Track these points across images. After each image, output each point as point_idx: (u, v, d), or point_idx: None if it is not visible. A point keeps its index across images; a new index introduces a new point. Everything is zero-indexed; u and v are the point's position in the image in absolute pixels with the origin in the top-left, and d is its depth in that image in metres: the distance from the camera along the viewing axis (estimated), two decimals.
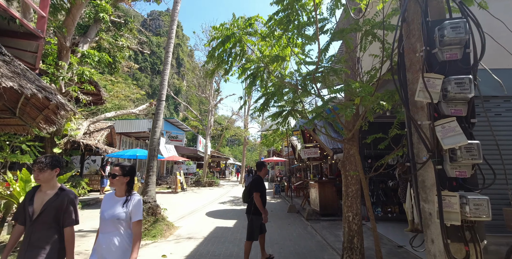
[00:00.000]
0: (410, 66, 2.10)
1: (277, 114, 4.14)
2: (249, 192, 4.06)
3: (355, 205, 3.96)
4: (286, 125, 4.31)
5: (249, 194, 4.07)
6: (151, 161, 6.59)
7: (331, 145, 8.32)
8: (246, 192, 4.16)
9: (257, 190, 3.95)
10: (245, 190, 4.23)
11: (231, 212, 9.13)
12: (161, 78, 7.06)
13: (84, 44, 12.16)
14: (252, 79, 3.48)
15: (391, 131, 3.17)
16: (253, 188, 3.99)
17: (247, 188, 4.18)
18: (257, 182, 4.06)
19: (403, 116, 2.79)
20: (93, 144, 10.43)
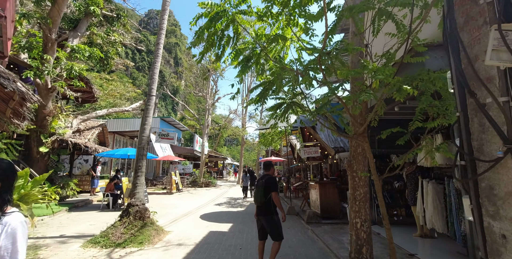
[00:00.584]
0: (466, 22, 1.57)
1: (276, 107, 3.68)
2: (265, 193, 3.85)
3: (363, 210, 3.50)
4: (285, 120, 3.84)
5: (264, 195, 3.86)
6: (139, 161, 6.11)
7: (332, 144, 7.87)
8: (261, 193, 3.89)
9: (276, 190, 3.86)
10: (258, 191, 3.96)
11: (226, 214, 8.66)
12: (151, 72, 6.58)
13: (74, 38, 11.64)
14: (245, 63, 2.99)
15: (411, 123, 2.70)
16: (270, 188, 3.86)
17: (259, 189, 3.94)
18: (273, 182, 3.93)
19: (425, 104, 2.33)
20: (82, 142, 9.92)
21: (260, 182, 4.03)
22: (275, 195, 3.85)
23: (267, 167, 4.19)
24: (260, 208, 3.94)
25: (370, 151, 2.89)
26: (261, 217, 3.93)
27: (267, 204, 3.86)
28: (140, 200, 5.93)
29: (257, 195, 3.95)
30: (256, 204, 4.00)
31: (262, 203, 3.88)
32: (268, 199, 3.85)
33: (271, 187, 3.88)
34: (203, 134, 21.57)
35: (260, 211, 3.94)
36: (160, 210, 9.25)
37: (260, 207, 3.93)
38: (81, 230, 6.35)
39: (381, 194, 2.74)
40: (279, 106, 3.71)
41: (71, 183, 10.23)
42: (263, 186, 3.90)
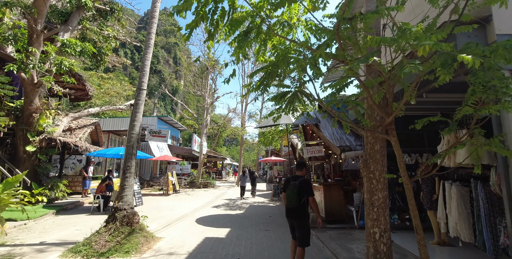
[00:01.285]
0: None
1: (280, 96, 3.15)
2: (299, 196, 3.73)
3: (383, 218, 2.96)
4: (291, 111, 3.30)
5: (299, 198, 3.73)
6: (128, 160, 5.57)
7: (337, 142, 7.34)
8: (295, 196, 3.74)
9: (312, 194, 3.78)
10: (292, 194, 3.77)
11: (224, 217, 8.12)
12: (142, 64, 6.04)
13: (64, 32, 11.11)
14: (243, 37, 2.44)
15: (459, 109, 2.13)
16: (307, 192, 3.75)
17: (293, 191, 3.77)
18: (308, 185, 3.82)
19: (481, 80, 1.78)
20: (71, 141, 9.37)
21: (292, 183, 3.82)
22: (312, 200, 3.74)
23: (300, 166, 4.02)
24: (292, 210, 3.78)
25: (398, 147, 2.35)
26: (293, 220, 3.82)
27: (301, 208, 3.74)
28: (128, 204, 5.39)
29: (291, 198, 3.76)
30: (288, 206, 3.81)
31: (296, 206, 3.73)
32: (302, 203, 3.74)
33: (307, 191, 3.75)
34: (201, 133, 21.03)
35: (292, 213, 3.79)
36: (154, 212, 8.71)
37: (293, 209, 3.77)
38: (64, 236, 5.81)
39: (413, 200, 2.22)
40: (283, 96, 3.18)
41: (60, 184, 9.68)
42: (296, 188, 3.75)
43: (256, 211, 9.36)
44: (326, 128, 8.25)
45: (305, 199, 3.77)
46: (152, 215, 8.31)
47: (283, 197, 4.08)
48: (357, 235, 5.82)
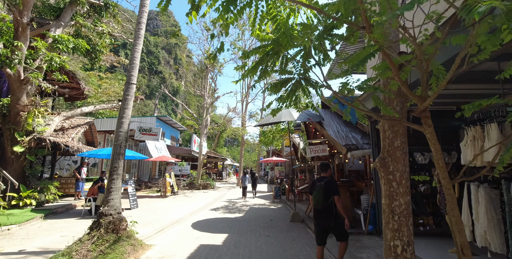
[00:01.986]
0: None
1: (281, 84, 2.66)
2: (326, 196, 3.74)
3: (406, 228, 2.46)
4: (293, 103, 2.81)
5: (325, 198, 3.74)
6: (115, 161, 5.09)
7: (343, 141, 6.84)
8: (322, 196, 3.76)
9: (338, 193, 3.78)
10: (318, 194, 3.80)
11: (222, 221, 7.63)
12: (131, 56, 5.57)
13: (56, 28, 10.68)
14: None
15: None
16: (333, 192, 3.75)
17: (319, 192, 3.79)
18: (335, 185, 3.83)
19: None
20: (62, 141, 8.91)
21: (319, 184, 3.83)
22: (338, 200, 3.74)
23: (325, 168, 4.01)
24: (320, 211, 3.80)
25: (436, 140, 1.86)
26: (323, 221, 3.79)
27: (328, 208, 3.74)
28: (114, 208, 4.91)
29: (318, 199, 3.78)
30: (315, 208, 3.83)
31: (324, 207, 3.74)
32: (330, 203, 3.74)
33: (334, 191, 3.75)
34: (201, 133, 20.57)
35: (321, 215, 3.81)
36: (148, 216, 8.24)
37: (321, 210, 3.79)
38: (47, 243, 5.34)
39: (457, 210, 1.70)
40: (285, 83, 2.69)
41: (51, 186, 9.22)
42: (323, 189, 3.75)
43: (256, 214, 8.87)
44: (331, 126, 7.75)
45: (332, 199, 3.74)
46: (146, 218, 7.84)
47: (310, 200, 4.10)
48: (367, 242, 5.31)
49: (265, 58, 2.43)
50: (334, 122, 8.10)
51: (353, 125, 7.57)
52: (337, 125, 7.86)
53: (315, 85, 2.67)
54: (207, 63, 19.23)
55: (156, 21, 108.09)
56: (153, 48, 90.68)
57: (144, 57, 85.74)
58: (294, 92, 2.75)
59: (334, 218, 3.76)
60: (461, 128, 5.97)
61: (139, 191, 16.46)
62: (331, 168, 4.18)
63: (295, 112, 7.51)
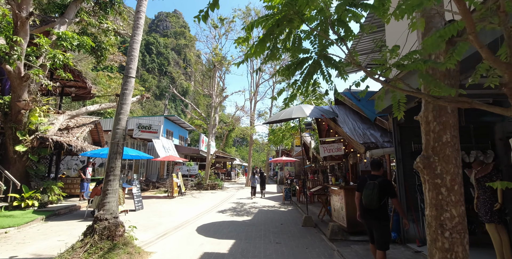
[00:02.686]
0: None
1: (296, 65, 2.14)
2: (380, 196, 3.56)
3: (461, 249, 1.89)
4: (311, 89, 2.27)
5: (379, 199, 3.56)
6: (112, 161, 4.69)
7: (361, 139, 6.23)
8: (376, 196, 3.55)
9: (396, 195, 3.68)
10: (371, 194, 3.59)
11: (229, 225, 7.14)
12: (130, 47, 5.16)
13: (61, 25, 10.48)
14: None
15: None
16: (388, 192, 3.62)
17: (373, 192, 3.59)
18: (390, 185, 3.69)
19: None
20: (64, 140, 8.66)
21: (371, 183, 3.65)
22: (397, 203, 3.67)
23: (377, 166, 3.85)
24: (372, 212, 3.64)
25: None
26: (373, 222, 3.64)
27: (381, 209, 3.60)
28: (111, 213, 4.50)
29: (371, 198, 3.57)
30: (367, 207, 3.64)
31: (377, 207, 3.56)
32: (383, 203, 3.60)
33: (390, 193, 3.62)
34: (209, 133, 20.21)
35: (372, 215, 3.64)
36: (152, 219, 7.85)
37: (373, 211, 3.62)
38: (42, 249, 4.99)
39: None
40: (300, 65, 2.16)
41: (55, 187, 8.98)
42: (377, 188, 3.57)
43: (265, 217, 8.34)
44: (346, 123, 7.14)
45: (385, 200, 3.62)
46: (149, 222, 7.45)
47: (356, 197, 3.91)
48: (391, 253, 4.70)
49: (275, 29, 1.90)
50: (350, 119, 7.48)
51: (371, 122, 6.93)
52: (353, 122, 7.25)
53: (338, 65, 2.12)
54: (215, 61, 18.85)
55: (165, 22, 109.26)
56: (162, 49, 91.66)
57: (154, 58, 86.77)
58: (312, 75, 2.21)
59: (385, 222, 3.60)
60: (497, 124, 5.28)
61: (146, 191, 16.23)
62: (383, 166, 3.92)
63: (307, 108, 6.95)
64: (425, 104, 2.14)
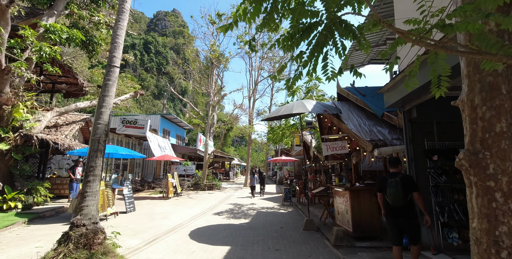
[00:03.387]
0: None
1: (302, 32, 1.64)
2: (405, 193, 3.49)
3: None
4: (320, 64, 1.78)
5: (405, 196, 3.48)
6: (92, 159, 4.19)
7: (367, 136, 5.75)
8: (401, 193, 3.48)
9: (417, 189, 3.55)
10: (396, 191, 3.52)
11: (225, 229, 6.65)
12: (113, 34, 4.66)
13: (49, 17, 9.96)
14: None
15: None
16: (412, 187, 3.53)
17: (397, 189, 3.52)
18: (412, 180, 3.63)
19: None
20: (49, 138, 8.14)
21: (393, 181, 3.56)
22: (418, 196, 3.52)
23: (395, 163, 3.76)
24: (400, 210, 3.54)
25: None
26: (402, 220, 3.53)
27: (409, 206, 3.53)
28: (89, 218, 3.99)
29: (397, 196, 3.49)
30: (394, 206, 3.55)
31: (404, 204, 3.49)
32: (410, 200, 3.53)
33: (413, 187, 3.54)
34: (206, 131, 19.70)
35: (400, 213, 3.54)
36: (143, 222, 7.35)
37: (401, 209, 3.53)
38: (15, 257, 4.48)
39: None
40: (307, 32, 1.66)
41: (41, 188, 8.47)
42: (400, 184, 3.49)
43: (264, 220, 7.85)
44: (350, 120, 6.66)
45: (411, 195, 3.53)
46: (139, 225, 6.95)
47: (379, 198, 3.82)
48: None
49: None
50: (354, 115, 7.00)
51: (378, 118, 6.46)
52: (357, 118, 6.77)
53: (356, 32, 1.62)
54: (213, 58, 18.34)
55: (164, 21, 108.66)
56: (161, 48, 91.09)
57: (153, 57, 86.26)
58: (322, 46, 1.72)
59: (416, 219, 3.50)
60: None
61: (141, 192, 15.73)
62: (401, 162, 3.85)
63: (309, 104, 6.46)
64: (470, 84, 1.65)
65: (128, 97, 11.88)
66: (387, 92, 4.99)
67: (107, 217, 7.56)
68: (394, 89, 4.67)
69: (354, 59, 10.18)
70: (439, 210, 4.56)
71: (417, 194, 3.52)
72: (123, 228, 6.51)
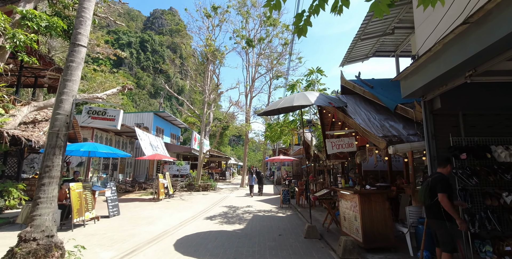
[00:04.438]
0: None
1: None
2: (431, 193, 3.35)
3: None
4: None
5: (430, 196, 3.35)
6: (49, 157, 3.40)
7: (379, 131, 5.00)
8: (426, 193, 3.40)
9: (442, 190, 3.23)
10: (422, 190, 3.47)
11: (217, 237, 5.88)
12: (79, 7, 3.86)
13: (27, 3, 9.10)
14: None
15: None
16: (436, 188, 3.28)
17: (424, 188, 3.44)
18: (440, 181, 3.31)
19: None
20: (22, 135, 7.31)
21: (427, 180, 3.50)
22: (441, 198, 3.21)
23: (444, 162, 3.47)
24: (428, 210, 3.47)
25: None
26: (429, 220, 3.49)
27: (434, 207, 3.36)
28: (42, 230, 3.21)
29: (421, 195, 3.49)
30: (423, 205, 3.58)
31: (428, 204, 3.40)
32: (436, 201, 3.30)
33: (438, 187, 3.28)
34: (201, 130, 18.89)
35: (428, 213, 3.49)
36: (126, 228, 6.55)
37: (427, 208, 3.47)
38: None
39: None
40: None
41: (14, 190, 7.64)
42: (428, 184, 3.41)
43: (261, 226, 7.10)
44: (358, 114, 5.93)
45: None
46: (120, 232, 6.15)
47: None
48: None
49: None
50: (361, 109, 6.26)
51: (389, 112, 5.72)
52: (365, 112, 6.03)
53: None
54: (208, 53, 17.53)
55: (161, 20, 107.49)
56: (158, 47, 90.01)
57: (149, 56, 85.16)
58: None
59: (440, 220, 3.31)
60: None
61: (131, 193, 14.89)
62: (452, 162, 3.61)
63: (312, 95, 5.71)
64: None
65: (114, 92, 11.04)
66: (405, 80, 4.25)
67: (85, 223, 6.75)
68: (415, 74, 3.93)
69: (358, 51, 9.45)
70: (468, 218, 3.82)
71: (440, 196, 3.24)
72: (100, 237, 5.71)
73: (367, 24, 7.53)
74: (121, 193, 14.75)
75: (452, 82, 3.65)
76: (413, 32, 7.89)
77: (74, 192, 6.55)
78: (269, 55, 21.84)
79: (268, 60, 22.05)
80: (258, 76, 21.45)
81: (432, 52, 3.40)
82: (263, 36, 19.77)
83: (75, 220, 6.41)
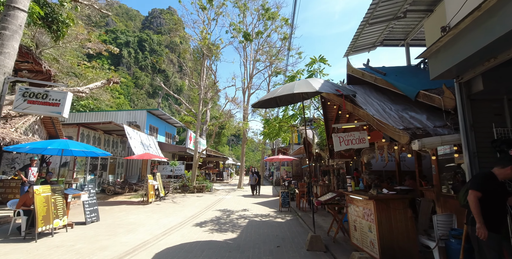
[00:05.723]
0: None
1: None
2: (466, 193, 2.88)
3: None
4: None
5: (465, 194, 2.87)
6: None
7: (399, 124, 4.12)
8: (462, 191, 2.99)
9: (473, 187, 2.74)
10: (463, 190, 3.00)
11: (203, 250, 4.99)
12: None
13: None
14: None
15: None
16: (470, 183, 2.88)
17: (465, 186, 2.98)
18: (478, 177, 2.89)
19: None
20: None
21: None
22: (469, 195, 2.74)
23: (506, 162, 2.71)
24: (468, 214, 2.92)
25: None
26: (469, 229, 2.90)
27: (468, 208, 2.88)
28: None
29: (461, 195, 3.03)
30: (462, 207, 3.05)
31: (464, 205, 2.93)
32: None
33: (470, 183, 2.85)
34: (197, 128, 17.99)
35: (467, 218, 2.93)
36: (100, 238, 5.64)
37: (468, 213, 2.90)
38: None
39: None
40: None
41: None
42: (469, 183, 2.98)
43: (257, 234, 6.20)
44: (370, 104, 5.05)
45: None
46: (91, 244, 5.24)
47: None
48: None
49: None
50: (373, 98, 5.39)
51: (407, 101, 4.85)
52: (378, 102, 5.15)
53: None
54: (203, 46, 16.64)
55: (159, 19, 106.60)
56: (156, 46, 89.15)
57: (148, 55, 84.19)
58: None
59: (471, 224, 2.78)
60: None
61: (120, 195, 13.97)
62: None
63: (316, 82, 4.83)
64: None
65: (99, 85, 10.14)
66: (435, 56, 3.37)
67: (53, 231, 5.84)
68: (452, 46, 3.04)
69: (364, 38, 8.57)
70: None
71: (469, 193, 2.76)
72: (64, 250, 4.81)
73: (377, 5, 6.63)
74: (110, 195, 13.84)
75: (500, 56, 2.76)
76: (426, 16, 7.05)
77: (40, 196, 5.64)
78: (267, 51, 20.99)
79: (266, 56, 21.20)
80: (256, 72, 20.58)
81: (482, 10, 2.52)
82: (261, 30, 18.89)
83: (40, 228, 5.50)
